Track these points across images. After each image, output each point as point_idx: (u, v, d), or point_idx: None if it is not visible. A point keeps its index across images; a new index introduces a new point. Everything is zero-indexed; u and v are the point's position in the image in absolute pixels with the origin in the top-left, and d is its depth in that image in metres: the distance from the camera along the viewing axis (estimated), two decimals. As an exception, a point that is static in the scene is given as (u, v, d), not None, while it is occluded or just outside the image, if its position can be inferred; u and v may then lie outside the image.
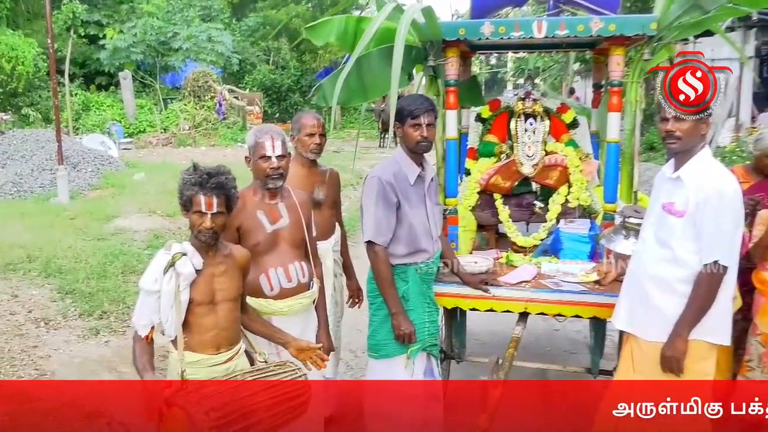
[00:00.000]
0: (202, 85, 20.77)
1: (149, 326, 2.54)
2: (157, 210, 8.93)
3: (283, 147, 3.01)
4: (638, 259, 2.95)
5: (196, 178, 2.52)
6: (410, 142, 3.17)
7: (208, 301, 2.59)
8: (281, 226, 3.05)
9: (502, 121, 4.44)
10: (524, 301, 3.49)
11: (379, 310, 3.29)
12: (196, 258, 2.56)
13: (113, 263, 6.60)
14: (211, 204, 2.52)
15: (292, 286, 3.06)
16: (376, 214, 3.13)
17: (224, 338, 2.63)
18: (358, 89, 3.84)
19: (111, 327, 5.41)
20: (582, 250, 3.91)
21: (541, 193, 4.33)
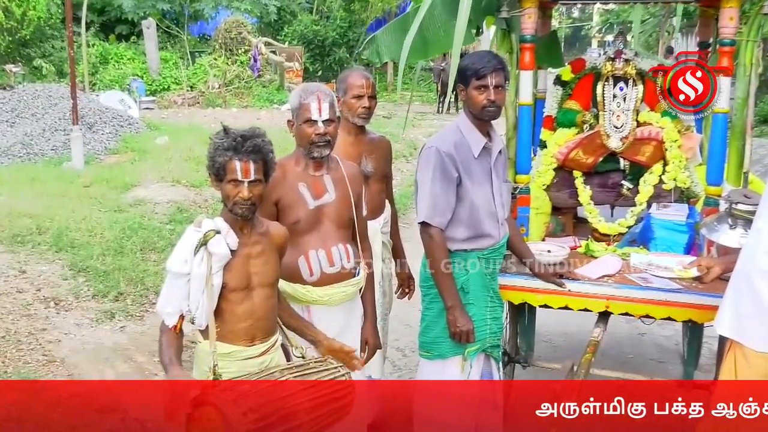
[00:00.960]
0: (234, 36, 20.95)
1: (177, 314, 2.58)
2: (182, 179, 9.10)
3: (331, 110, 3.02)
4: (749, 253, 2.86)
5: (228, 141, 2.55)
6: (475, 106, 3.15)
7: (243, 286, 2.63)
8: (326, 202, 3.07)
9: (586, 85, 4.38)
10: (606, 299, 3.45)
11: (434, 302, 3.30)
12: (230, 236, 2.59)
13: (131, 238, 6.77)
14: (248, 170, 2.55)
15: (335, 271, 3.08)
16: (432, 190, 3.12)
17: (260, 328, 2.67)
18: (417, 45, 3.81)
19: (127, 311, 5.56)
20: (677, 241, 3.84)
21: (631, 172, 4.26)
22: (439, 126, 17.13)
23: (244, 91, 20.34)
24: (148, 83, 19.65)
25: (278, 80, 21.04)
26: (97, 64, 19.72)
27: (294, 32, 24.66)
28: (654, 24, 25.23)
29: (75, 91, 10.64)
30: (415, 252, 3.82)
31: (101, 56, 20.07)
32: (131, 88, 18.15)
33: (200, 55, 21.47)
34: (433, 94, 21.23)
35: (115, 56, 20.41)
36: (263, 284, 2.67)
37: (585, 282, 3.50)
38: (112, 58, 20.27)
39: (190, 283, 2.56)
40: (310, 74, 23.53)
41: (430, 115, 19.05)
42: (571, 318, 4.33)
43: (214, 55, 20.95)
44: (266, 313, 2.70)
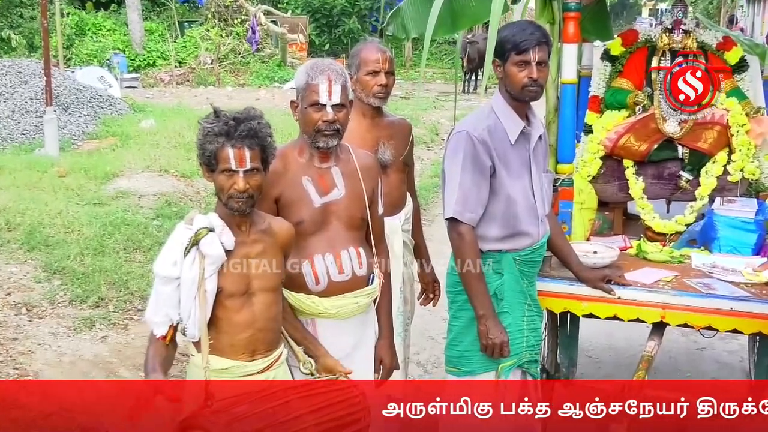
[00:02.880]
0: (229, 4, 21.02)
1: (167, 323, 2.60)
2: (170, 168, 9.14)
3: (343, 94, 2.97)
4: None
5: (219, 126, 2.56)
6: (514, 85, 3.14)
7: (241, 291, 2.64)
8: (334, 199, 3.04)
9: (638, 61, 4.37)
10: (661, 307, 3.44)
11: (462, 311, 3.30)
12: (226, 235, 2.61)
13: (113, 236, 6.80)
14: (242, 158, 2.56)
15: (345, 279, 3.06)
16: (462, 182, 3.12)
17: (261, 340, 2.68)
18: (443, 17, 3.81)
19: (109, 318, 5.59)
20: (745, 241, 3.84)
21: (690, 161, 4.25)
22: (466, 108, 17.10)
23: (241, 67, 20.40)
24: (130, 58, 19.75)
25: (280, 55, 21.09)
26: (73, 36, 19.84)
27: (297, 0, 24.67)
28: (715, -11, 25.09)
29: (48, 67, 10.67)
30: (440, 252, 3.82)
31: (77, 27, 20.18)
32: (111, 64, 18.24)
33: (190, 26, 21.54)
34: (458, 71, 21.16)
35: (93, 27, 20.52)
36: (265, 289, 2.68)
37: (637, 288, 3.49)
38: (89, 30, 20.39)
39: (179, 289, 2.57)
40: (316, 48, 23.55)
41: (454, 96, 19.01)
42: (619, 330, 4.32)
43: (206, 26, 21.02)
44: (269, 323, 2.71)
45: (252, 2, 21.50)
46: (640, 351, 3.52)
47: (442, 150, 12.73)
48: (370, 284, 3.15)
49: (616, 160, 4.26)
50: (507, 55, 3.12)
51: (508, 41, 3.12)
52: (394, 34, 4.08)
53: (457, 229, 3.17)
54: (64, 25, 19.09)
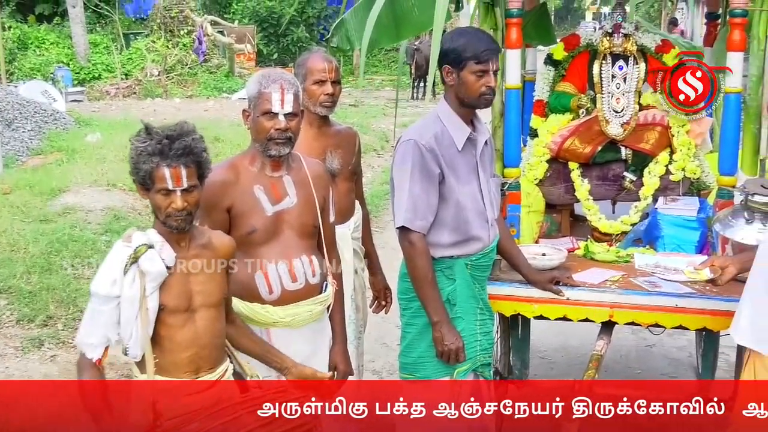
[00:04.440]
0: (175, 15, 20.85)
1: (104, 345, 2.55)
2: (118, 182, 9.02)
3: (295, 103, 2.99)
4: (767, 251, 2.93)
5: (153, 145, 2.51)
6: (471, 93, 3.16)
7: (183, 308, 2.61)
8: (286, 207, 3.06)
9: (581, 65, 4.42)
10: (609, 307, 3.49)
11: (416, 318, 3.31)
12: (166, 251, 2.58)
13: (60, 253, 6.70)
14: (179, 177, 2.52)
15: (299, 287, 3.07)
16: (411, 190, 3.14)
17: (205, 358, 2.66)
18: (387, 25, 3.84)
19: (58, 337, 5.51)
20: (688, 239, 3.89)
21: (633, 162, 4.30)
22: (415, 114, 17.17)
23: (188, 78, 20.24)
24: (75, 71, 19.48)
25: (227, 65, 20.97)
26: (15, 50, 19.51)
27: (244, 9, 24.59)
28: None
29: (-10, 83, 10.50)
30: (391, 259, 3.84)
31: (19, 41, 19.85)
32: (56, 78, 17.99)
33: (136, 38, 21.32)
34: (406, 78, 21.27)
35: (35, 40, 20.20)
36: (207, 305, 2.66)
37: (585, 288, 3.53)
38: (32, 43, 20.06)
39: (120, 308, 2.53)
40: (264, 57, 23.50)
41: (403, 102, 19.09)
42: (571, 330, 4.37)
43: (152, 37, 20.83)
44: (212, 339, 2.68)
45: (198, 13, 21.39)
46: (591, 350, 3.56)
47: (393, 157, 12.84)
48: (324, 292, 3.16)
49: (562, 162, 4.31)
50: (464, 64, 3.13)
51: (466, 50, 3.12)
52: (339, 46, 4.09)
53: (408, 237, 3.17)
54: (5, 39, 18.79)
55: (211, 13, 22.89)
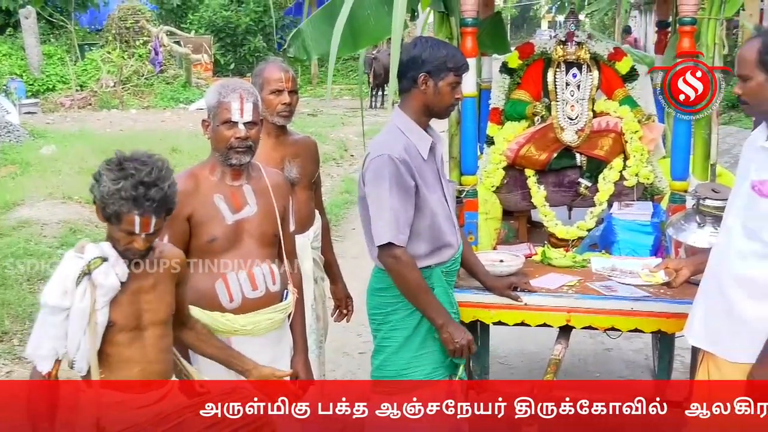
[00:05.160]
0: (131, 26, 20.68)
1: (53, 357, 2.51)
2: (74, 195, 8.92)
3: (255, 112, 3.01)
4: (719, 254, 2.97)
5: (128, 189, 2.43)
6: (443, 103, 3.19)
7: (132, 326, 2.57)
8: (246, 216, 3.06)
9: (535, 73, 4.48)
10: (566, 311, 3.52)
11: (395, 331, 3.30)
12: (120, 266, 2.53)
13: (16, 267, 6.61)
14: (148, 225, 2.49)
15: (259, 296, 3.08)
16: (392, 205, 3.09)
17: (154, 373, 2.63)
18: (345, 35, 3.85)
19: (14, 353, 5.43)
20: (642, 243, 3.95)
21: (588, 168, 4.38)
22: (374, 123, 17.20)
23: (145, 89, 20.07)
24: (28, 83, 19.20)
25: (184, 75, 20.82)
26: (-34, 63, 19.19)
27: (201, 19, 24.46)
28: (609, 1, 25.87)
29: (-59, 95, 10.34)
30: (351, 268, 3.85)
31: (-30, 53, 19.54)
32: (8, 90, 17.69)
33: (91, 49, 21.09)
34: (365, 87, 21.31)
35: (-13, 52, 19.89)
36: (155, 323, 2.63)
37: (543, 294, 3.56)
38: (-17, 55, 19.75)
39: (68, 320, 2.49)
40: (222, 67, 23.38)
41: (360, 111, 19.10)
42: (530, 335, 4.41)
43: (108, 48, 20.62)
44: (160, 355, 2.66)
45: (154, 23, 21.22)
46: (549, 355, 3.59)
47: (352, 166, 12.84)
48: (284, 300, 3.17)
49: (518, 169, 4.36)
50: (444, 74, 3.13)
51: (447, 61, 3.14)
52: (296, 56, 4.10)
53: (392, 253, 3.12)
54: (-44, 51, 18.49)
55: (167, 23, 22.71)
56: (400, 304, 3.26)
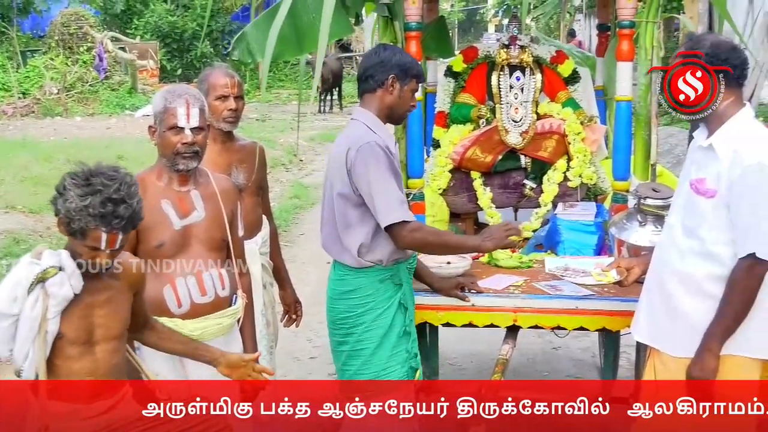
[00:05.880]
0: (74, 32, 20.36)
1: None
2: (17, 204, 8.77)
3: (201, 117, 3.02)
4: (662, 252, 3.05)
5: (96, 206, 2.40)
6: (403, 107, 3.29)
7: (83, 340, 2.54)
8: (194, 221, 3.06)
9: (480, 76, 4.52)
10: (513, 311, 3.56)
11: (369, 332, 3.31)
12: (75, 277, 2.49)
13: (-43, 278, 6.48)
14: (114, 242, 2.47)
15: (208, 301, 3.07)
16: (392, 187, 3.16)
17: (103, 386, 2.61)
18: (290, 39, 3.86)
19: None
20: (586, 243, 4.02)
21: (533, 170, 4.43)
22: (323, 128, 17.20)
23: (90, 96, 19.77)
24: (-32, 91, 18.82)
25: (130, 82, 20.56)
26: None
27: (146, 25, 24.17)
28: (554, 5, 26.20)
29: None
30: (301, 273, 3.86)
31: None
32: (-52, 98, 17.34)
33: (33, 56, 20.71)
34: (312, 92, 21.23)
35: (-75, 60, 19.46)
36: (108, 338, 2.60)
37: (490, 294, 3.59)
38: None
39: (17, 326, 2.46)
40: (168, 73, 23.12)
41: (310, 116, 19.07)
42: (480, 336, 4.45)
43: (51, 54, 20.27)
44: (112, 369, 2.63)
45: (98, 29, 20.92)
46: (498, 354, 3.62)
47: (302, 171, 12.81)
48: (233, 305, 3.17)
49: (464, 172, 4.39)
50: (409, 80, 3.24)
51: (413, 68, 3.27)
52: (240, 59, 4.09)
53: (410, 227, 3.15)
54: None
55: (112, 29, 22.42)
56: (372, 303, 3.28)
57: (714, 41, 2.90)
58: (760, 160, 2.76)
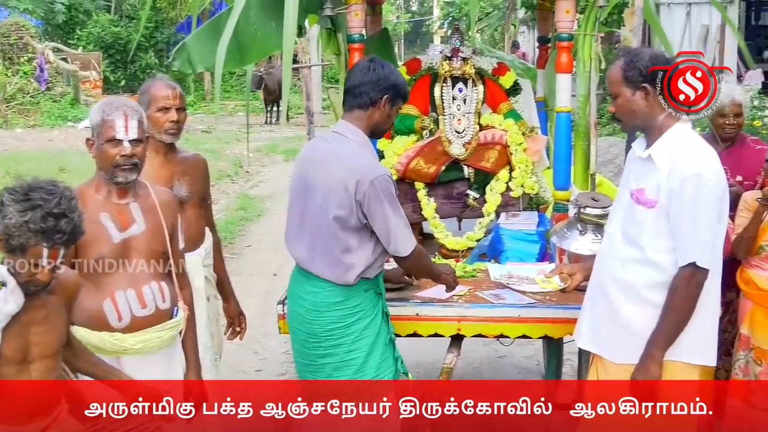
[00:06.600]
0: (14, 42, 20.03)
1: None
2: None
3: (140, 129, 2.99)
4: (603, 260, 3.09)
5: (37, 221, 2.36)
6: (386, 126, 3.35)
7: (18, 359, 2.49)
8: (134, 234, 3.03)
9: (423, 87, 4.56)
10: (457, 320, 3.59)
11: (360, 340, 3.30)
12: (17, 294, 2.44)
13: None
14: (56, 258, 2.43)
15: (148, 314, 3.04)
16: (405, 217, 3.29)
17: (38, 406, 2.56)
18: (232, 50, 3.84)
19: None
20: (528, 252, 4.07)
21: (476, 180, 4.47)
22: (269, 138, 17.14)
23: (31, 107, 19.45)
24: None
25: (72, 93, 20.29)
26: None
27: (89, 35, 23.88)
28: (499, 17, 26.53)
29: None
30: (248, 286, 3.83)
31: None
32: None
33: (-29, 67, 20.33)
34: (259, 103, 21.18)
35: None
36: (44, 356, 2.55)
37: (434, 304, 3.62)
38: None
39: None
40: (112, 84, 22.88)
41: (257, 127, 19.00)
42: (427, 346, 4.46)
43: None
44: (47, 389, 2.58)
45: (39, 39, 20.60)
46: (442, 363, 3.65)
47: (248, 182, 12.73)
48: (174, 317, 3.14)
49: (408, 183, 4.42)
50: (398, 101, 3.27)
51: (404, 89, 3.31)
52: (180, 69, 4.07)
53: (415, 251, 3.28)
54: None
55: (53, 39, 22.09)
56: (362, 312, 3.28)
57: (652, 55, 2.97)
58: (697, 171, 2.82)
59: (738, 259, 3.69)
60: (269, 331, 3.45)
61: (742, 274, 3.69)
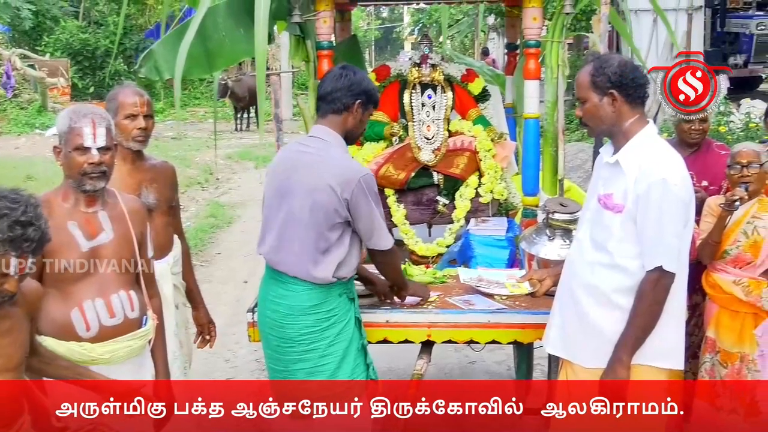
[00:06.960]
0: (-20, 49, 19.82)
1: None
2: None
3: (108, 136, 2.97)
4: (571, 265, 3.12)
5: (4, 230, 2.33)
6: (359, 132, 3.40)
7: None
8: (102, 243, 3.00)
9: (392, 94, 4.58)
10: (427, 327, 3.59)
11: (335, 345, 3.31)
12: None
13: None
14: (23, 267, 2.40)
15: (117, 323, 3.01)
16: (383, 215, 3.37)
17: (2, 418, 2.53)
18: (199, 57, 3.83)
19: None
20: (498, 257, 4.09)
21: (446, 186, 4.49)
22: (239, 146, 17.07)
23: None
24: None
25: (40, 100, 20.10)
26: None
27: (57, 42, 23.65)
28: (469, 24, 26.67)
29: None
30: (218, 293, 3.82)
31: None
32: None
33: (-63, 73, 20.09)
34: (229, 110, 21.10)
35: None
36: (6, 369, 2.52)
37: (404, 310, 3.63)
38: None
39: None
40: (80, 91, 22.66)
41: (227, 134, 18.93)
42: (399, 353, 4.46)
43: (-44, 72, 19.69)
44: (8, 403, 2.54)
45: (6, 46, 20.42)
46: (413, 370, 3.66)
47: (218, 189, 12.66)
48: (143, 326, 3.12)
49: (379, 189, 4.42)
50: (369, 107, 3.32)
51: (375, 96, 3.35)
52: (147, 76, 4.05)
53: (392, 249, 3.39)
54: None
55: (20, 46, 21.90)
56: (336, 317, 3.30)
57: (620, 62, 2.99)
58: (664, 176, 2.85)
59: (703, 263, 3.73)
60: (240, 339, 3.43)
61: (707, 278, 3.74)
